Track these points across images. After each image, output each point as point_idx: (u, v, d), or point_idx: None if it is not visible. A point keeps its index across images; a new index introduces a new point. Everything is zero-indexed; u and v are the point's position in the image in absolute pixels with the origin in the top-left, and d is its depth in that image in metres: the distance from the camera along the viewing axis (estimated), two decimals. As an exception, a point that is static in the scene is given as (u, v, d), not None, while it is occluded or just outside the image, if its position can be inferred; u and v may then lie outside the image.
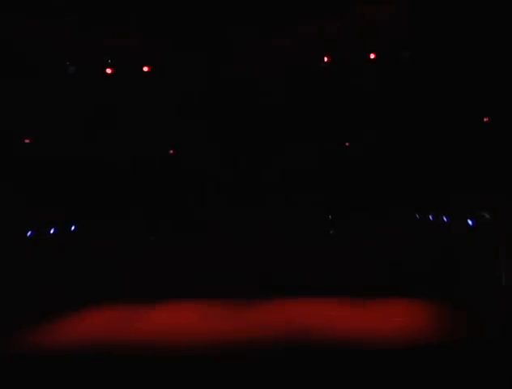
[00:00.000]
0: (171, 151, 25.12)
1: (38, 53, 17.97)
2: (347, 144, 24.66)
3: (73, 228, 21.55)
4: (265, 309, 19.27)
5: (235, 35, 17.58)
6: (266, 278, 23.05)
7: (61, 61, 18.62)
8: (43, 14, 15.88)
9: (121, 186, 23.49)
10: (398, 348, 14.38)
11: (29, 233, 19.06)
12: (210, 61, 19.98)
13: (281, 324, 17.16)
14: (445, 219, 19.24)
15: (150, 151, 24.16)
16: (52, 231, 20.20)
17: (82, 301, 21.47)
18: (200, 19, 17.25)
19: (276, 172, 24.52)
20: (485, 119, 20.59)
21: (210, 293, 21.61)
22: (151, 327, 17.40)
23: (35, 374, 13.32)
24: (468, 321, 16.65)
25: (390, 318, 17.39)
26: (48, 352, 15.10)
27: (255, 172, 24.29)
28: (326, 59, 19.95)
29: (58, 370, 13.55)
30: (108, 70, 19.78)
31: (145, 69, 20.37)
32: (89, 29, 17.14)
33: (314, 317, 17.89)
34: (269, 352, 14.49)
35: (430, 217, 20.18)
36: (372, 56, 19.40)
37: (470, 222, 17.87)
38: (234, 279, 23.05)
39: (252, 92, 23.85)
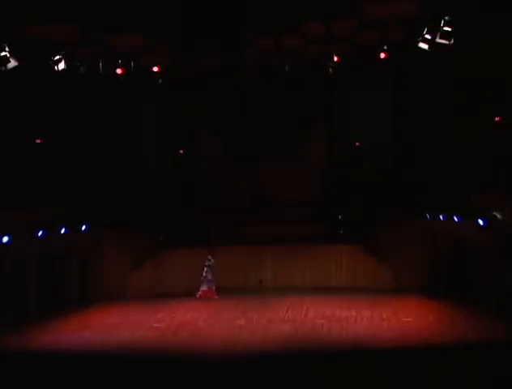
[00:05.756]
0: (181, 151, 25.36)
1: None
2: (357, 144, 24.75)
3: (84, 227, 21.62)
4: (276, 309, 19.27)
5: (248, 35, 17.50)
6: (277, 277, 23.17)
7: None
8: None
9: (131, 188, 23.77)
10: (409, 348, 14.32)
11: (40, 233, 19.13)
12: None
13: (292, 324, 17.16)
14: (456, 219, 19.09)
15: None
16: (63, 231, 20.26)
17: (92, 300, 21.84)
18: (212, 20, 17.22)
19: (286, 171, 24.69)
20: (496, 119, 20.51)
21: (222, 292, 21.77)
22: (162, 326, 17.42)
23: (46, 373, 13.35)
24: (480, 321, 16.61)
25: (401, 319, 17.34)
26: (59, 350, 15.15)
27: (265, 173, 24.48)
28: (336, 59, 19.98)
29: (68, 369, 13.59)
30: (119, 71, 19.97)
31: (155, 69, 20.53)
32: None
33: (325, 317, 17.85)
34: (280, 352, 14.49)
35: (441, 217, 20.03)
36: (382, 55, 19.36)
37: (481, 222, 17.70)
38: (246, 280, 23.17)
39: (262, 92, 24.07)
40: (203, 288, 21.39)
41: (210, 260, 21.40)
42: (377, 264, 22.41)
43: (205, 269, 21.33)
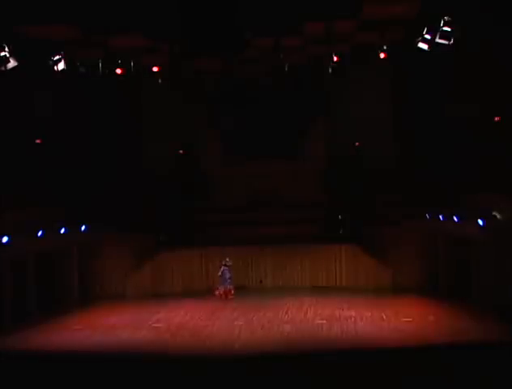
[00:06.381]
0: (181, 151, 25.40)
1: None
2: (357, 144, 24.78)
3: (83, 228, 21.62)
4: (275, 309, 19.26)
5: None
6: (277, 277, 23.20)
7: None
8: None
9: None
10: (409, 348, 14.32)
11: (40, 233, 19.13)
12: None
13: (292, 324, 17.17)
14: (455, 219, 19.09)
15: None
16: (62, 231, 20.27)
17: (92, 299, 21.87)
18: (212, 21, 17.21)
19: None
20: (496, 118, 20.53)
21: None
22: (162, 326, 17.44)
23: (46, 373, 13.34)
24: (480, 321, 16.60)
25: (401, 319, 17.35)
26: (59, 350, 15.17)
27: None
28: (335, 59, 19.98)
29: (68, 369, 13.59)
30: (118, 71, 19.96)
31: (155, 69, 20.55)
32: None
33: (325, 317, 17.87)
34: (280, 352, 14.49)
35: (441, 217, 20.03)
36: (382, 55, 19.35)
37: (480, 222, 17.70)
38: (246, 280, 23.18)
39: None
40: (228, 287, 21.29)
41: (228, 261, 21.33)
42: (376, 264, 22.40)
43: (222, 268, 21.21)
